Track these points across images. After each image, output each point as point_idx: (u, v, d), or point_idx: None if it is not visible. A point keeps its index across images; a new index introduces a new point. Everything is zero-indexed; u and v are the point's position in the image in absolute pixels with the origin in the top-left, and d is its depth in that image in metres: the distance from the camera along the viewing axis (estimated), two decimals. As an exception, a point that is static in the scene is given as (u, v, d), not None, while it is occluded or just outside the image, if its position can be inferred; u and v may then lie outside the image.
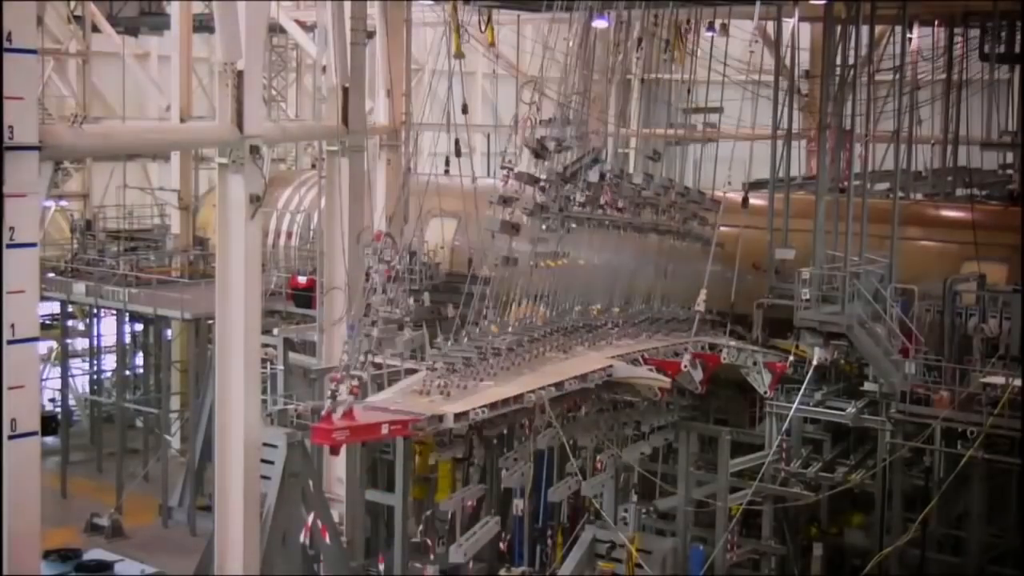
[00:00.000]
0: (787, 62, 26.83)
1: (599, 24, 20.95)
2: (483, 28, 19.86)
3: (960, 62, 29.37)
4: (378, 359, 23.58)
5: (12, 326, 12.43)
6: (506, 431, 22.92)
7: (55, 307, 32.35)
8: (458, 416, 14.62)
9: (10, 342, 12.41)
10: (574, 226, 18.76)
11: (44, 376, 32.87)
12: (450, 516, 23.19)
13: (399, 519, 22.29)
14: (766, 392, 20.54)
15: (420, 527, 22.75)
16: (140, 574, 22.30)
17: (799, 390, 20.79)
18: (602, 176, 19.42)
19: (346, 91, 22.44)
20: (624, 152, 26.10)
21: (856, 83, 22.83)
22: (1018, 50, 28.12)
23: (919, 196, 27.34)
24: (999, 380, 19.47)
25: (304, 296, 27.73)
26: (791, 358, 20.96)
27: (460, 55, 17.98)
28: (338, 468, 22.64)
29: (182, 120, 31.59)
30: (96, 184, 38.22)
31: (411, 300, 17.15)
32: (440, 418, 14.53)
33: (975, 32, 29.18)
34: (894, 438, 20.42)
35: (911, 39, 28.43)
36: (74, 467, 31.72)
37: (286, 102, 39.83)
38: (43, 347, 32.33)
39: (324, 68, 23.47)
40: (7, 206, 12.26)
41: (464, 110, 17.45)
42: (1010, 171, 29.25)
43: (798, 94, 31.16)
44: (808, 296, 20.66)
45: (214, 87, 18.15)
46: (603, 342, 18.81)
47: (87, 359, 34.94)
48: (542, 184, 17.57)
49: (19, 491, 12.55)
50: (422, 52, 36.12)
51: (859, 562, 21.35)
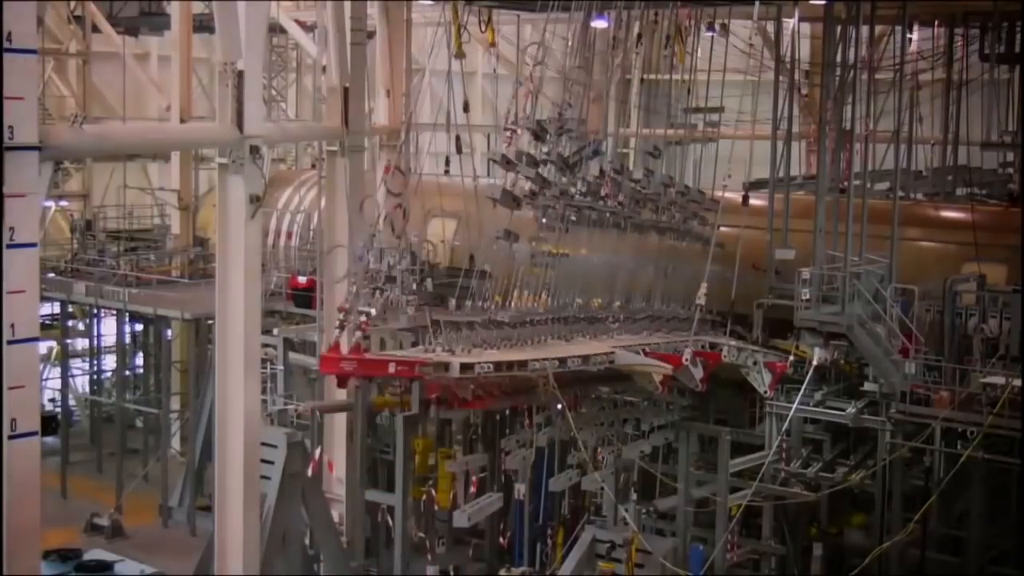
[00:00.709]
0: (787, 62, 26.82)
1: (599, 24, 20.94)
2: (483, 28, 19.83)
3: (960, 62, 29.38)
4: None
5: (12, 326, 12.43)
6: (507, 412, 22.97)
7: (55, 307, 32.36)
8: (464, 367, 14.66)
9: (10, 342, 12.42)
10: (574, 219, 18.73)
11: (44, 376, 32.87)
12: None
13: (399, 519, 22.29)
14: (766, 392, 20.53)
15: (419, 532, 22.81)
16: (140, 574, 22.30)
17: (799, 390, 20.78)
18: (602, 172, 19.40)
19: (346, 91, 22.45)
20: (624, 152, 26.09)
21: (856, 83, 22.83)
22: (1018, 50, 28.12)
23: (919, 196, 27.34)
24: (999, 380, 19.48)
25: (304, 296, 27.73)
26: (791, 358, 20.95)
27: (461, 55, 17.96)
28: (338, 468, 22.66)
29: (182, 120, 31.61)
30: (96, 184, 38.23)
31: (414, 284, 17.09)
32: (446, 366, 14.60)
33: (975, 32, 29.20)
34: (894, 438, 20.42)
35: (911, 39, 28.41)
36: (74, 467, 31.72)
37: (286, 102, 39.82)
38: (43, 347, 32.33)
39: (324, 68, 23.49)
40: (7, 206, 12.26)
41: (465, 108, 17.43)
42: (1010, 170, 29.25)
43: (798, 94, 31.15)
44: (808, 296, 20.65)
45: (214, 87, 18.17)
46: (604, 335, 18.79)
47: (87, 359, 34.95)
48: (541, 159, 17.49)
49: (19, 491, 12.55)
50: (423, 52, 36.11)
51: (859, 562, 21.36)
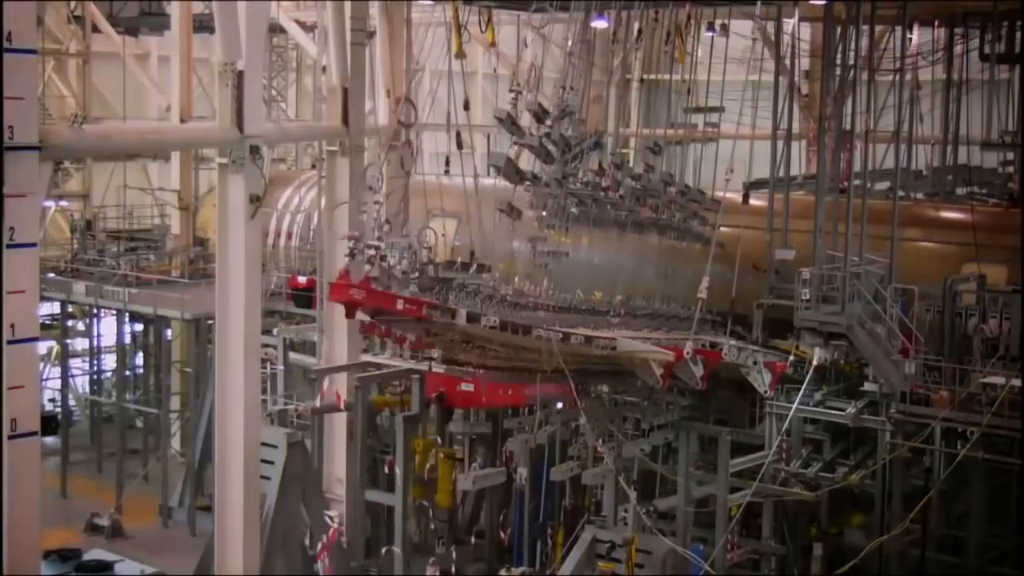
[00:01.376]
0: (787, 62, 26.83)
1: (599, 24, 20.94)
2: (483, 28, 19.82)
3: (960, 62, 29.38)
4: (378, 359, 23.73)
5: (12, 326, 12.45)
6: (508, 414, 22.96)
7: (55, 307, 32.36)
8: (471, 317, 14.66)
9: (10, 342, 12.43)
10: (574, 211, 18.70)
11: (44, 376, 32.88)
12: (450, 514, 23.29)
13: (399, 519, 22.30)
14: (766, 392, 20.53)
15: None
16: (140, 574, 22.30)
17: (799, 390, 20.78)
18: (602, 168, 19.38)
19: (346, 91, 22.45)
20: (624, 152, 26.06)
21: (856, 83, 22.82)
22: (1018, 50, 28.11)
23: (919, 195, 27.33)
24: (999, 380, 19.48)
25: (304, 296, 27.72)
26: (791, 358, 20.94)
27: (462, 55, 17.94)
28: (338, 468, 22.66)
29: (182, 120, 31.57)
30: (96, 184, 38.20)
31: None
32: (453, 314, 14.56)
33: (975, 32, 29.19)
34: (894, 438, 20.42)
35: (911, 39, 28.41)
36: (74, 467, 31.73)
37: (286, 102, 39.81)
38: (43, 347, 32.34)
39: (324, 68, 23.48)
40: (7, 206, 12.28)
41: (466, 106, 17.41)
42: (1010, 168, 29.23)
43: (798, 94, 31.14)
44: (808, 296, 20.65)
45: (214, 87, 18.17)
46: (605, 328, 18.79)
47: (87, 359, 34.94)
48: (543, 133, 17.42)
49: (19, 491, 12.56)
50: (423, 52, 36.07)
51: (859, 562, 21.36)
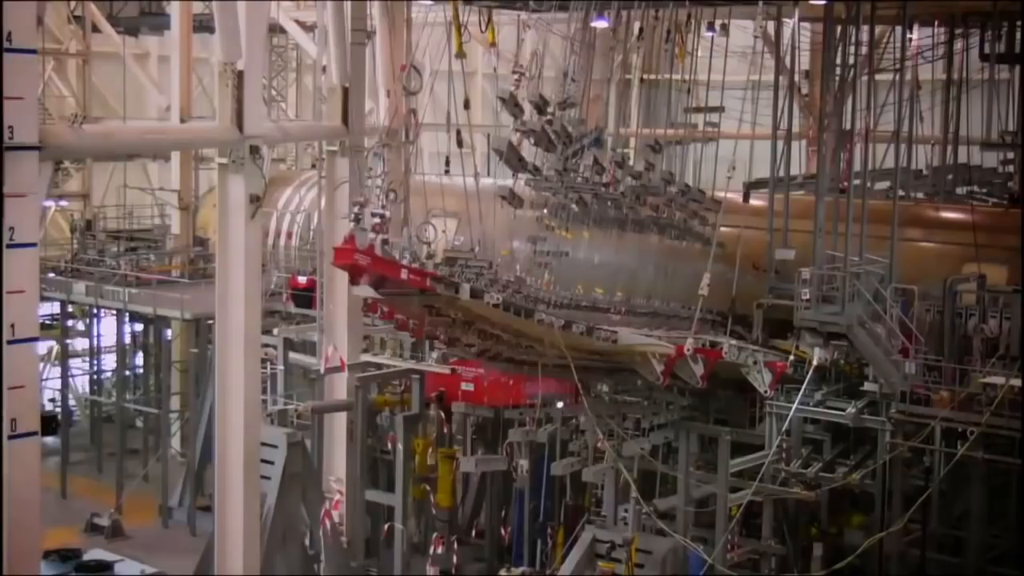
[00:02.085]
0: (787, 62, 26.82)
1: (599, 24, 20.95)
2: (483, 28, 19.81)
3: (960, 62, 29.37)
4: (378, 359, 23.76)
5: (12, 326, 12.44)
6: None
7: (55, 307, 32.36)
8: (474, 292, 14.56)
9: (10, 342, 12.43)
10: (575, 207, 18.69)
11: (44, 376, 32.88)
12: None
13: (399, 519, 22.32)
14: (766, 391, 20.53)
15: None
16: (140, 574, 22.32)
17: (799, 390, 20.77)
18: (600, 165, 19.36)
19: (346, 91, 22.46)
20: (625, 152, 26.07)
21: (856, 83, 22.81)
22: (1018, 50, 28.09)
23: (919, 195, 27.32)
24: (999, 380, 19.47)
25: (304, 296, 27.73)
26: (791, 358, 20.94)
27: (462, 55, 17.92)
28: (338, 468, 22.67)
29: (182, 120, 31.50)
30: (96, 184, 38.20)
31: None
32: (456, 288, 14.44)
33: (975, 32, 29.17)
34: (894, 438, 20.41)
35: (911, 39, 28.39)
36: (74, 467, 31.73)
37: (286, 102, 39.80)
38: (43, 347, 32.34)
39: (324, 68, 23.49)
40: (7, 206, 12.28)
41: (466, 105, 17.40)
42: (1010, 167, 29.22)
43: (798, 94, 31.14)
44: (808, 296, 20.64)
45: (214, 87, 18.18)
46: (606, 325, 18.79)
47: (87, 359, 34.95)
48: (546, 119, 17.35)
49: (19, 491, 12.56)
50: (423, 52, 36.08)
51: (859, 562, 21.35)
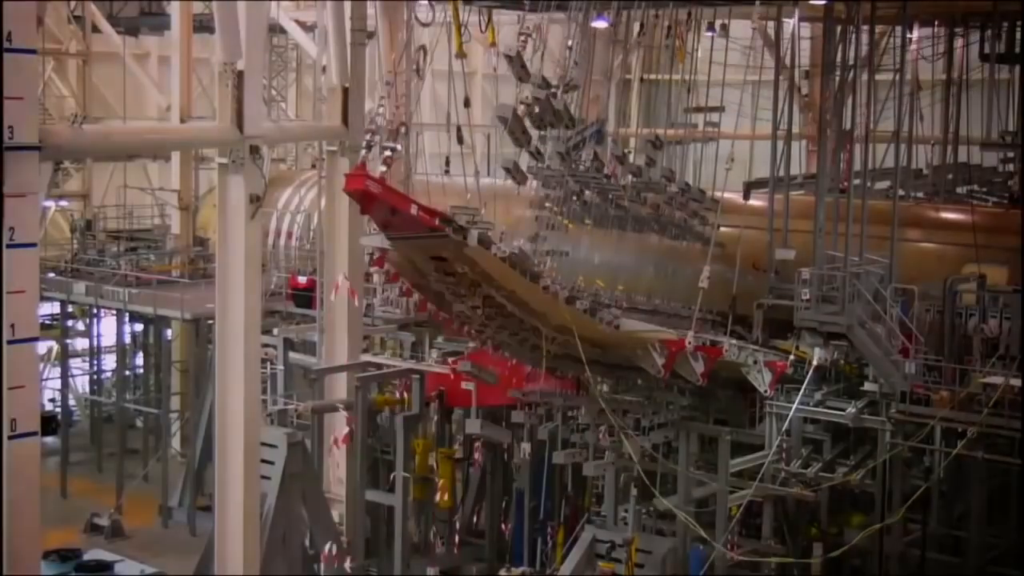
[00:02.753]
0: (787, 62, 26.82)
1: (599, 24, 20.95)
2: (483, 28, 19.83)
3: (960, 62, 29.37)
4: (378, 359, 23.76)
5: (12, 326, 12.45)
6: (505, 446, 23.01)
7: (55, 307, 32.37)
8: (482, 239, 14.21)
9: (10, 342, 12.44)
10: (575, 200, 18.66)
11: (44, 376, 32.89)
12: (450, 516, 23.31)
13: (399, 519, 22.31)
14: (766, 391, 20.54)
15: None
16: (140, 574, 22.32)
17: (799, 390, 20.77)
18: (600, 161, 19.37)
19: (346, 91, 22.46)
20: (627, 151, 26.10)
21: (856, 83, 22.81)
22: (1018, 50, 28.10)
23: (919, 194, 27.32)
24: (999, 380, 19.47)
25: (304, 296, 27.74)
26: (791, 358, 20.94)
27: (462, 55, 17.93)
28: (338, 468, 22.68)
29: (182, 120, 31.59)
30: (96, 184, 38.23)
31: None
32: (465, 235, 14.10)
33: (975, 32, 29.19)
34: (894, 438, 20.42)
35: (911, 39, 28.39)
36: (74, 467, 31.74)
37: (286, 102, 39.82)
38: (43, 347, 32.34)
39: (324, 68, 23.49)
40: (7, 206, 12.29)
41: (467, 103, 17.39)
42: (1010, 166, 29.23)
43: (798, 94, 31.14)
44: (808, 296, 20.64)
45: (214, 87, 18.18)
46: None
47: (87, 359, 34.96)
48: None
49: (19, 491, 12.57)
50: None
51: (859, 562, 21.35)
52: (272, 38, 36.00)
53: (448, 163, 24.03)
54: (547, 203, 18.51)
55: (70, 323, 34.31)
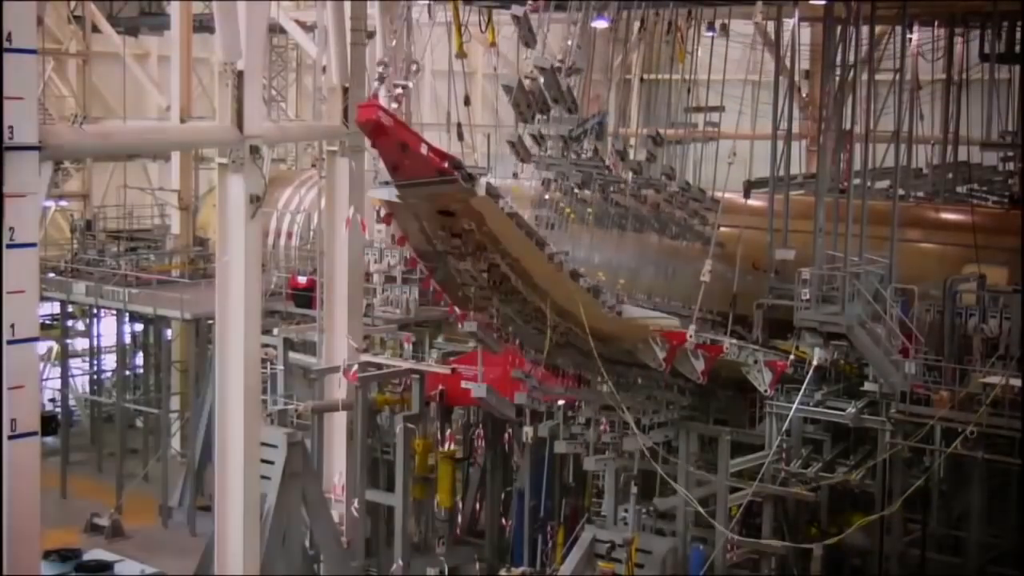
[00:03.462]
0: (787, 62, 26.82)
1: (599, 24, 20.95)
2: (483, 28, 19.84)
3: (960, 62, 29.37)
4: (378, 359, 23.76)
5: (12, 326, 12.44)
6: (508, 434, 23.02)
7: (55, 307, 32.37)
8: (490, 189, 13.84)
9: (10, 342, 12.43)
10: (577, 191, 18.58)
11: (44, 376, 32.89)
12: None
13: (399, 519, 22.32)
14: (766, 390, 20.55)
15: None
16: (140, 574, 22.31)
17: (799, 390, 20.78)
18: (598, 155, 19.33)
19: (346, 91, 22.47)
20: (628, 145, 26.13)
21: (856, 83, 22.81)
22: (1018, 50, 28.10)
23: (919, 194, 27.33)
24: (999, 380, 19.47)
25: (304, 296, 27.75)
26: (791, 358, 20.95)
27: (462, 55, 17.94)
28: (338, 468, 22.68)
29: (182, 120, 31.49)
30: (96, 184, 38.24)
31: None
32: (473, 183, 13.72)
33: (975, 32, 29.19)
34: (894, 438, 20.42)
35: (911, 39, 28.39)
36: (74, 467, 31.75)
37: (286, 102, 39.82)
38: (43, 347, 32.34)
39: (324, 68, 23.50)
40: (7, 206, 12.28)
41: (467, 101, 17.37)
42: (1010, 165, 29.22)
43: (798, 94, 31.14)
44: (808, 296, 20.64)
45: (214, 87, 18.18)
46: None
47: (87, 359, 34.96)
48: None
49: (19, 491, 12.56)
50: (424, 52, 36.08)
51: (859, 562, 21.35)
52: (272, 38, 35.99)
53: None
54: (551, 188, 18.32)
55: (70, 323, 34.31)
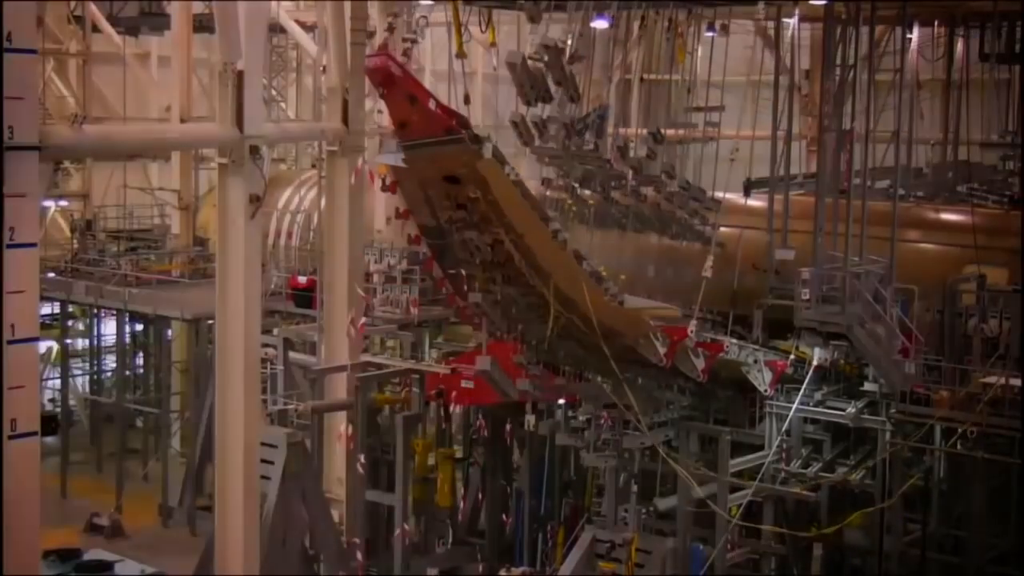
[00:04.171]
0: (787, 62, 26.82)
1: (599, 24, 20.94)
2: (484, 28, 19.82)
3: (960, 62, 29.37)
4: (378, 359, 23.76)
5: (12, 326, 12.44)
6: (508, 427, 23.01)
7: (55, 307, 32.36)
8: (496, 153, 13.78)
9: (10, 342, 12.43)
10: (576, 186, 18.54)
11: (44, 376, 32.88)
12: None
13: (399, 519, 22.31)
14: (766, 390, 20.56)
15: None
16: (140, 574, 22.31)
17: (799, 390, 20.79)
18: (598, 152, 19.31)
19: (346, 91, 22.47)
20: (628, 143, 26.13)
21: (856, 83, 22.82)
22: (1018, 50, 28.10)
23: (919, 193, 27.33)
24: (998, 380, 19.47)
25: (304, 296, 27.75)
26: (791, 358, 20.96)
27: (462, 55, 17.91)
28: (338, 468, 22.67)
29: (182, 120, 31.62)
30: (96, 184, 38.19)
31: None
32: (481, 145, 13.68)
33: (975, 32, 29.19)
34: (894, 438, 20.43)
35: (911, 39, 28.39)
36: (74, 467, 31.72)
37: (286, 102, 39.81)
38: (43, 347, 32.35)
39: (324, 68, 23.50)
40: (7, 206, 12.27)
41: (467, 100, 17.31)
42: (1010, 164, 29.22)
43: (798, 94, 31.13)
44: (808, 296, 20.65)
45: (214, 87, 18.17)
46: None
47: (87, 359, 34.95)
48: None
49: (19, 491, 12.55)
50: (424, 52, 36.07)
51: (859, 562, 21.35)
52: (272, 38, 35.99)
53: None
54: (551, 186, 18.34)
55: (70, 323, 34.30)
